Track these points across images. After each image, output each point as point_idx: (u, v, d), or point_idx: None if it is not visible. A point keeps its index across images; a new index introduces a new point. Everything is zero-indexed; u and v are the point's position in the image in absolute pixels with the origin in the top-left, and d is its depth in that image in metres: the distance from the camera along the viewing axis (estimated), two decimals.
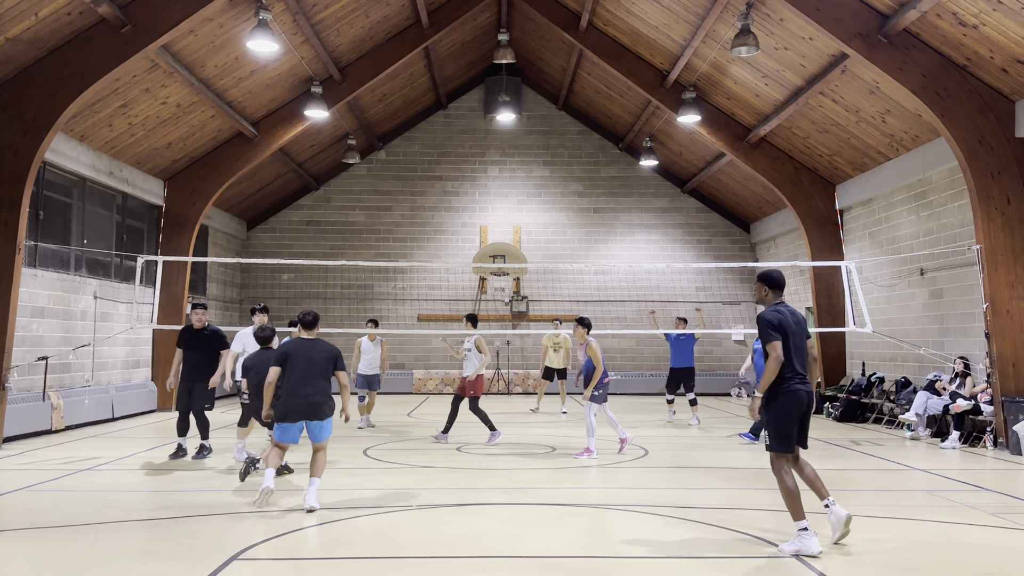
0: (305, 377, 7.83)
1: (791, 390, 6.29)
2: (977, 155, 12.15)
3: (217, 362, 10.79)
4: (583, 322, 11.37)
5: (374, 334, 14.62)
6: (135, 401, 16.59)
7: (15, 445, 12.03)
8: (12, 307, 11.79)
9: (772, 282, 6.60)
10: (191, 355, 10.75)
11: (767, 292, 6.62)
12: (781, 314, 6.41)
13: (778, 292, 6.60)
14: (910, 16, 11.56)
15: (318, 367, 7.90)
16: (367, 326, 14.77)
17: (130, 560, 5.97)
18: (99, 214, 16.05)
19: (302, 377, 7.83)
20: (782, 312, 6.44)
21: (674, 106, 17.96)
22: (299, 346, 8.01)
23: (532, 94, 24.52)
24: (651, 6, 15.91)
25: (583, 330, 11.31)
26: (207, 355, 10.75)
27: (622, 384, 23.68)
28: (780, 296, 6.60)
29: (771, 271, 6.65)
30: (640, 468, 10.31)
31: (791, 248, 21.44)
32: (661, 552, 6.26)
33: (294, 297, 23.37)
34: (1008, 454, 11.56)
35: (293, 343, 8.11)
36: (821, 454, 11.80)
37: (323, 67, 17.34)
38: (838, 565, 5.81)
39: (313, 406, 7.80)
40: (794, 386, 6.29)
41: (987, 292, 12.24)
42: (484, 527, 7.01)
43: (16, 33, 11.26)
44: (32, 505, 7.84)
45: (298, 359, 7.89)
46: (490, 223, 24.26)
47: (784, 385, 6.29)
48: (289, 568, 5.89)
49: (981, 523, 7.19)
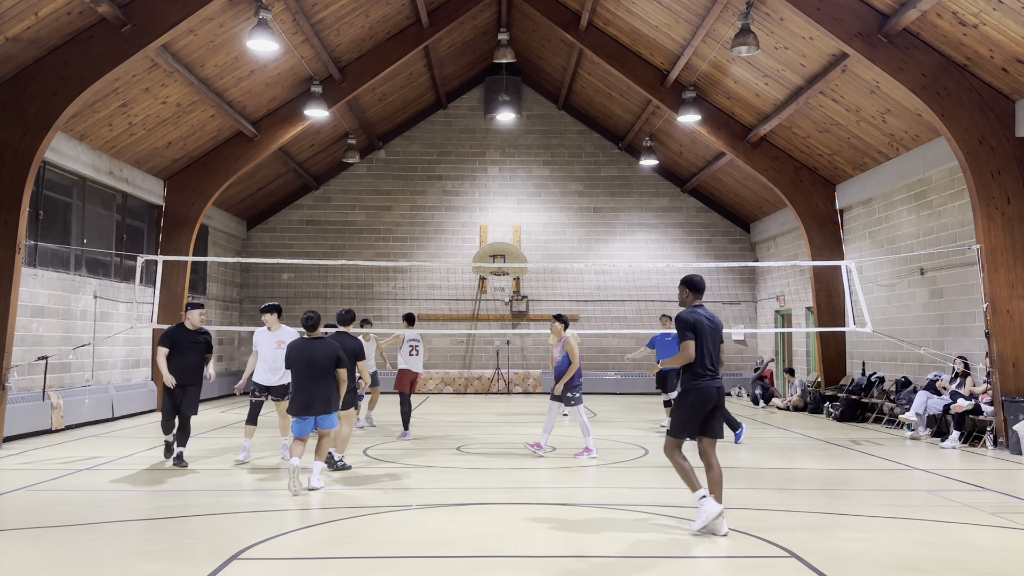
0: (307, 376, 8.46)
1: (702, 387, 6.84)
2: (977, 155, 12.15)
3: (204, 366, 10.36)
4: (560, 319, 11.22)
5: (367, 333, 14.68)
6: (135, 401, 16.59)
7: (15, 445, 12.03)
8: (12, 307, 11.79)
9: (693, 286, 7.22)
10: (184, 357, 10.10)
11: (688, 295, 7.23)
12: (697, 316, 7.01)
13: (698, 295, 7.22)
14: (910, 16, 11.56)
15: (319, 366, 8.47)
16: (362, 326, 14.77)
17: (130, 560, 5.96)
18: (99, 214, 16.05)
19: (304, 376, 8.48)
20: (698, 314, 7.03)
21: (674, 106, 17.96)
22: (300, 346, 8.61)
23: (532, 94, 24.52)
24: (651, 6, 15.90)
25: (560, 326, 11.17)
26: (200, 358, 10.24)
27: (622, 384, 23.70)
28: (699, 299, 7.22)
29: (693, 276, 7.28)
30: (640, 468, 10.31)
31: (791, 247, 21.43)
32: (661, 552, 6.26)
33: (294, 297, 23.37)
34: (1008, 454, 11.56)
35: (296, 344, 8.71)
36: (821, 454, 11.81)
37: (323, 66, 17.33)
38: (838, 565, 5.81)
39: (314, 403, 8.45)
40: (705, 383, 6.85)
41: (987, 292, 12.23)
42: (484, 527, 7.01)
43: (16, 32, 11.26)
44: (32, 505, 7.84)
45: (299, 360, 8.52)
46: (490, 223, 24.26)
47: (696, 381, 6.86)
48: (289, 568, 5.89)
49: (981, 523, 7.19)
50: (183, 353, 10.11)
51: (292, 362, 8.59)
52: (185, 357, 10.11)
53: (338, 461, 9.75)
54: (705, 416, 6.85)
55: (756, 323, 24.12)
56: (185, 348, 10.13)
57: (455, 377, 23.71)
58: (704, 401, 6.82)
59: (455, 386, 23.68)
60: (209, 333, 10.50)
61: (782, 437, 13.77)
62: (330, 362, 8.51)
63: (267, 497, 8.22)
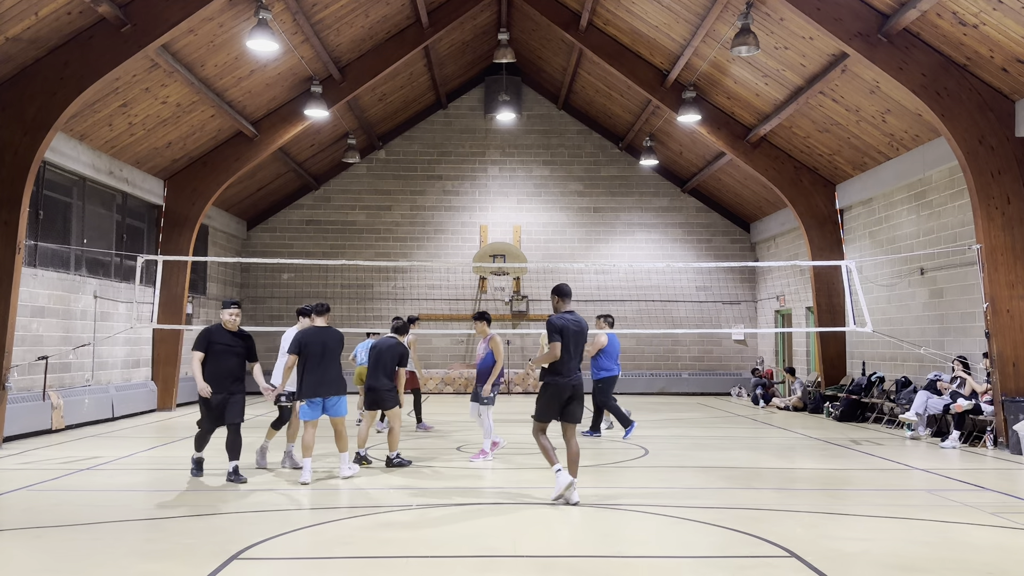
0: (322, 360, 9.05)
1: (559, 383, 7.97)
2: (977, 154, 12.15)
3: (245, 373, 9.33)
4: (483, 317, 10.83)
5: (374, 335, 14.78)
6: (135, 401, 16.60)
7: (15, 445, 12.03)
8: (12, 307, 11.79)
9: (563, 293, 8.22)
10: (220, 362, 9.06)
11: (559, 301, 8.21)
12: (565, 321, 8.00)
13: (567, 301, 8.22)
14: (910, 15, 11.56)
15: (332, 351, 9.14)
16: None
17: (130, 560, 5.96)
18: (99, 214, 16.05)
19: (319, 360, 9.04)
20: (566, 319, 8.02)
21: (674, 105, 17.96)
22: (314, 334, 9.19)
23: (532, 94, 24.51)
24: (651, 6, 15.90)
25: (484, 324, 10.79)
26: (241, 361, 9.24)
27: (622, 384, 23.65)
28: (568, 304, 8.22)
29: (562, 285, 8.27)
30: (640, 468, 10.31)
31: (791, 247, 21.43)
32: (661, 552, 6.26)
33: (294, 297, 23.36)
34: (1008, 454, 11.56)
35: (307, 332, 9.23)
36: (821, 454, 11.81)
37: (323, 66, 17.33)
38: (838, 565, 5.81)
39: (330, 383, 9.05)
40: (563, 380, 7.96)
41: (987, 292, 12.23)
42: (484, 527, 7.01)
43: (16, 32, 11.26)
44: (32, 505, 7.84)
45: (314, 345, 9.09)
46: (490, 223, 24.25)
47: (557, 377, 7.97)
48: (289, 568, 5.89)
49: (981, 523, 7.19)
50: (219, 358, 9.07)
51: (306, 349, 9.06)
52: (221, 362, 9.06)
53: (394, 458, 10.04)
54: (563, 405, 7.99)
55: (756, 323, 24.12)
56: (221, 352, 9.10)
57: (455, 377, 23.71)
58: (560, 393, 7.96)
59: (455, 386, 23.67)
60: (251, 336, 9.47)
61: (782, 437, 13.77)
62: (340, 346, 9.23)
63: (267, 497, 8.22)
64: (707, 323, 23.86)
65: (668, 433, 14.16)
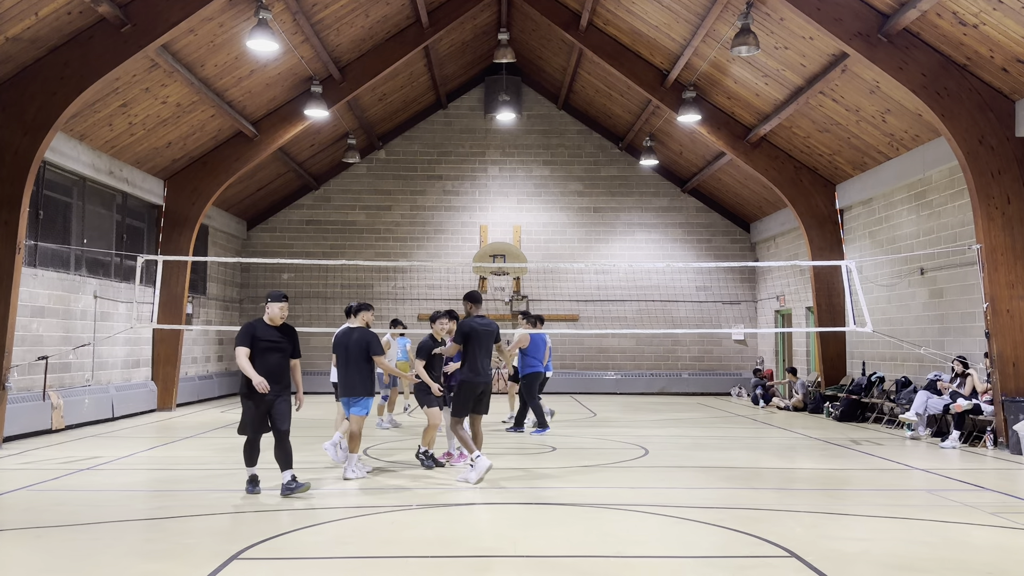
0: (345, 362, 9.36)
1: (474, 381, 9.13)
2: (977, 154, 12.15)
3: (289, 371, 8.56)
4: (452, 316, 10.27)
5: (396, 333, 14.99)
6: (135, 401, 16.60)
7: (15, 445, 12.03)
8: (12, 307, 11.79)
9: (474, 299, 9.36)
10: (266, 359, 8.27)
11: (471, 307, 9.29)
12: (473, 325, 9.10)
13: (477, 306, 9.32)
14: (910, 15, 11.56)
15: (353, 353, 9.33)
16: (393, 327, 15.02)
17: (130, 560, 5.96)
18: (99, 214, 16.05)
19: (344, 362, 9.40)
20: (475, 324, 9.13)
21: (674, 105, 17.96)
22: (342, 335, 9.56)
23: (532, 94, 24.51)
24: (651, 5, 15.90)
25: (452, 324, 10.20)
26: (286, 358, 8.45)
27: (622, 384, 23.70)
28: (479, 309, 9.34)
29: (473, 291, 9.44)
30: (640, 468, 10.31)
31: (791, 247, 21.44)
32: (661, 552, 6.26)
33: (294, 297, 23.33)
34: (1008, 454, 11.56)
35: (338, 333, 9.64)
36: (821, 454, 11.81)
37: (323, 66, 17.33)
38: (838, 565, 5.81)
39: (346, 385, 9.33)
40: (476, 378, 9.13)
41: (987, 292, 12.23)
42: (484, 527, 7.01)
43: (16, 32, 11.26)
44: (32, 505, 7.84)
45: (338, 347, 9.50)
46: (490, 223, 24.25)
47: (469, 376, 9.11)
48: (289, 568, 5.88)
49: (981, 523, 7.19)
50: (264, 355, 8.27)
51: (335, 348, 9.60)
52: (267, 359, 8.27)
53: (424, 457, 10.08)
54: (475, 400, 9.20)
55: (756, 323, 24.12)
56: (266, 349, 8.29)
57: None
58: (473, 391, 9.14)
59: None
60: (295, 332, 8.66)
61: (782, 437, 13.77)
62: (361, 350, 9.27)
63: (267, 497, 8.21)
64: (707, 323, 23.86)
65: (668, 433, 14.16)
